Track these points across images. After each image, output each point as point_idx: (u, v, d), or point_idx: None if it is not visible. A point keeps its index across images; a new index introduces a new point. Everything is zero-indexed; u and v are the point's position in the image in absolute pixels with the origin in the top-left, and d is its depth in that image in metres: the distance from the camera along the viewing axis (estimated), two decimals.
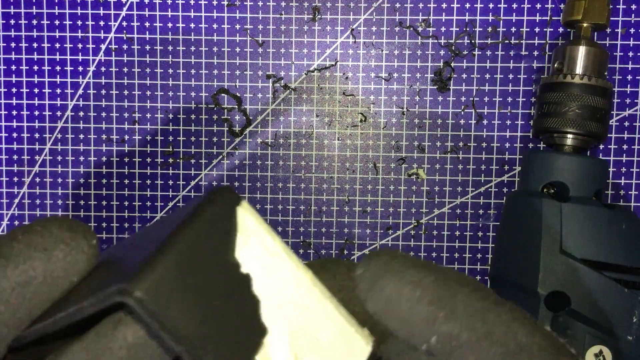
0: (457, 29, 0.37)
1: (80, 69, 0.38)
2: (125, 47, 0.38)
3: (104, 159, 0.39)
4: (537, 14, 0.37)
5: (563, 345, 0.15)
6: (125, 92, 0.38)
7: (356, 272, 0.17)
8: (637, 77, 0.37)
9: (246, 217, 0.16)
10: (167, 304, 0.14)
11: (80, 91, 0.38)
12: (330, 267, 0.19)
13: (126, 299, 0.13)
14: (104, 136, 0.39)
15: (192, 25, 0.38)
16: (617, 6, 0.37)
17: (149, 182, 0.39)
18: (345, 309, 0.17)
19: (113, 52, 0.38)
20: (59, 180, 0.39)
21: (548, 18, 0.37)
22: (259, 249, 0.16)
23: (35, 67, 0.38)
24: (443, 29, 0.37)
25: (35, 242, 0.15)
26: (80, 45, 0.38)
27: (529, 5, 0.37)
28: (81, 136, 0.39)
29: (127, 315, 0.15)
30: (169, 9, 0.38)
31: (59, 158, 0.39)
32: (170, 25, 0.38)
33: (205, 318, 0.14)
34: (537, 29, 0.37)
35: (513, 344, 0.15)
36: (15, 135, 0.39)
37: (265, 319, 0.15)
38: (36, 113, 0.39)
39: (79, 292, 0.16)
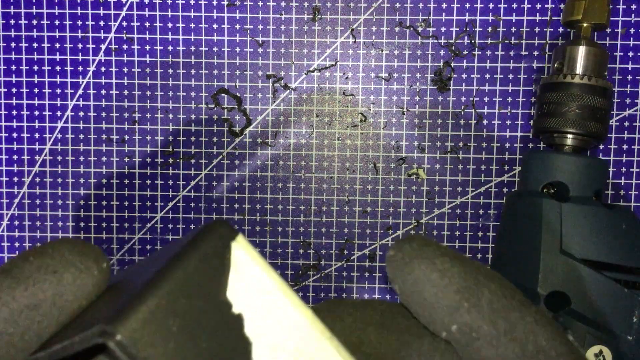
0: (457, 29, 0.37)
1: (80, 69, 0.38)
2: (125, 47, 0.38)
3: (104, 159, 0.39)
4: (537, 14, 0.37)
5: (582, 357, 0.16)
6: (125, 92, 0.38)
7: (388, 253, 0.17)
8: (637, 77, 0.37)
9: (241, 253, 0.15)
10: (149, 347, 0.13)
11: (80, 91, 0.38)
12: (336, 309, 0.19)
13: (107, 341, 0.13)
14: (104, 136, 0.39)
15: (192, 25, 0.38)
16: (617, 6, 0.37)
17: (149, 182, 0.39)
18: (353, 351, 0.16)
19: (113, 52, 0.38)
20: (59, 180, 0.39)
21: (548, 18, 0.37)
22: (252, 288, 0.15)
23: (35, 67, 0.38)
24: (443, 29, 0.37)
25: (46, 264, 0.15)
26: (80, 45, 0.38)
27: (529, 5, 0.37)
28: (81, 136, 0.39)
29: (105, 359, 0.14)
30: (169, 9, 0.38)
31: (59, 158, 0.39)
32: (170, 25, 0.38)
33: None
34: (537, 29, 0.37)
35: (532, 346, 0.15)
36: (15, 135, 0.39)
37: None
38: (36, 113, 0.39)
39: (84, 318, 0.15)
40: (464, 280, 0.16)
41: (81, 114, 0.39)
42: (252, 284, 0.15)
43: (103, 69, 0.38)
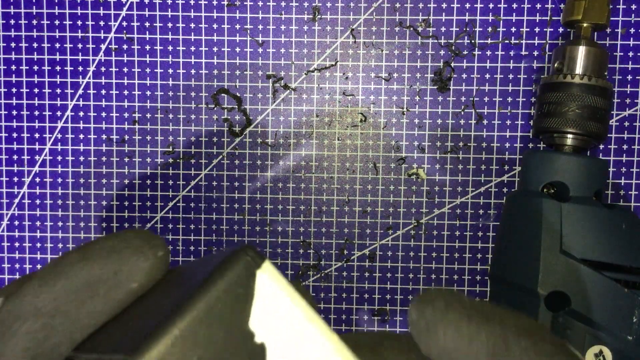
0: (457, 29, 0.37)
1: (80, 69, 0.38)
2: (125, 47, 0.38)
3: (104, 159, 0.39)
4: (537, 14, 0.37)
5: None
6: (125, 92, 0.38)
7: (411, 316, 0.17)
8: (637, 77, 0.37)
9: (266, 281, 0.15)
10: None
11: (80, 91, 0.38)
12: (362, 339, 0.18)
13: None
14: (104, 136, 0.39)
15: (192, 25, 0.38)
16: (617, 6, 0.37)
17: (149, 182, 0.39)
18: None
19: (113, 52, 0.38)
20: (59, 180, 0.39)
21: (548, 18, 0.37)
22: (277, 315, 0.15)
23: (35, 67, 0.38)
24: (443, 29, 0.37)
25: (110, 245, 0.17)
26: (80, 45, 0.38)
27: (529, 5, 0.37)
28: (81, 136, 0.39)
29: None
30: (169, 9, 0.38)
31: (59, 158, 0.39)
32: (170, 25, 0.38)
33: None
34: (537, 29, 0.37)
35: None
36: (15, 135, 0.39)
37: None
38: (36, 113, 0.39)
39: (132, 314, 0.16)
40: (492, 345, 0.16)
41: (81, 114, 0.39)
42: (277, 311, 0.15)
43: (103, 69, 0.38)
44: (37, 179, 0.39)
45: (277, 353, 0.15)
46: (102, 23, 0.38)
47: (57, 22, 0.38)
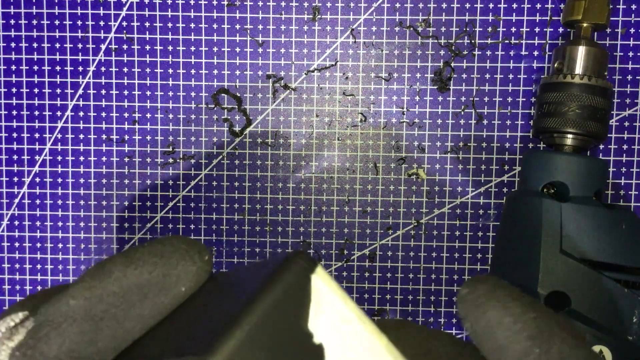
0: (457, 29, 0.37)
1: (80, 69, 0.38)
2: (125, 47, 0.38)
3: (104, 159, 0.39)
4: (537, 14, 0.37)
5: None
6: (125, 92, 0.38)
7: (461, 292, 0.17)
8: (637, 77, 0.37)
9: (320, 285, 0.15)
10: None
11: (80, 91, 0.38)
12: (407, 335, 0.19)
13: None
14: (104, 136, 0.39)
15: (192, 25, 0.38)
16: (617, 6, 0.37)
17: (149, 182, 0.39)
18: None
19: (113, 52, 0.38)
20: (59, 180, 0.39)
21: (548, 18, 0.37)
22: (332, 318, 0.15)
23: (35, 67, 0.38)
24: (443, 29, 0.37)
25: (156, 249, 0.17)
26: (80, 45, 0.38)
27: (529, 5, 0.37)
28: (81, 136, 0.39)
29: None
30: (169, 9, 0.38)
31: (59, 158, 0.39)
32: (170, 25, 0.38)
33: None
34: (537, 29, 0.37)
35: None
36: (15, 135, 0.39)
37: None
38: (36, 113, 0.39)
39: (180, 322, 0.16)
40: (536, 328, 0.16)
41: (81, 114, 0.39)
42: (331, 313, 0.15)
43: (103, 69, 0.38)
44: (37, 179, 0.39)
45: (333, 352, 0.15)
46: (102, 23, 0.38)
47: (57, 22, 0.38)
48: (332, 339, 0.15)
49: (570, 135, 0.33)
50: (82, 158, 0.39)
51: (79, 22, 0.38)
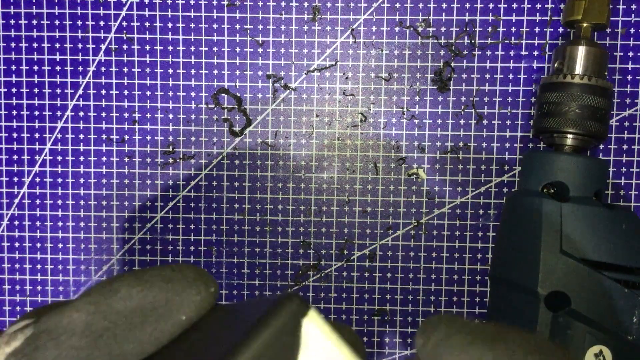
0: (457, 29, 0.37)
1: (80, 69, 0.38)
2: (125, 47, 0.38)
3: (104, 159, 0.39)
4: (537, 14, 0.37)
5: None
6: (125, 92, 0.38)
7: (417, 342, 0.17)
8: (637, 77, 0.37)
9: (312, 330, 0.15)
10: None
11: (80, 91, 0.38)
12: None
13: None
14: (104, 136, 0.39)
15: (192, 25, 0.38)
16: (617, 6, 0.37)
17: (149, 182, 0.39)
18: None
19: (113, 52, 0.38)
20: (59, 180, 0.39)
21: (548, 18, 0.37)
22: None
23: (35, 67, 0.38)
24: (443, 29, 0.37)
25: (165, 274, 0.17)
26: (80, 45, 0.38)
27: (529, 5, 0.37)
28: (81, 136, 0.39)
29: None
30: (169, 9, 0.38)
31: (59, 158, 0.39)
32: (170, 25, 0.38)
33: None
34: (537, 29, 0.37)
35: None
36: (15, 135, 0.39)
37: None
38: (36, 113, 0.39)
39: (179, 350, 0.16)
40: None
41: (81, 114, 0.39)
42: (322, 358, 0.15)
43: (103, 69, 0.38)
44: (37, 179, 0.39)
45: None
46: (102, 23, 0.38)
47: (57, 22, 0.38)
48: None
49: (570, 135, 0.33)
50: (82, 158, 0.39)
51: (79, 22, 0.38)
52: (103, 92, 0.38)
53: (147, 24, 0.38)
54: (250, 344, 0.14)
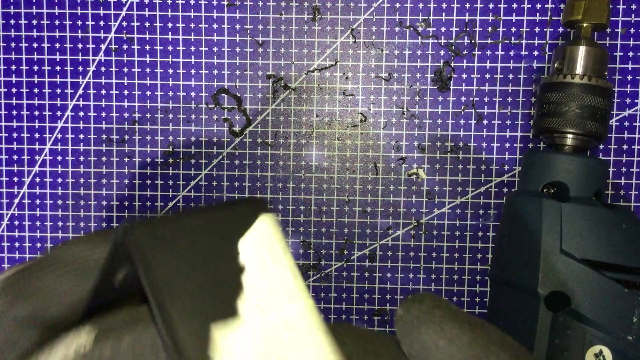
0: (457, 29, 0.37)
1: (80, 69, 0.38)
2: (125, 47, 0.38)
3: (104, 159, 0.39)
4: (537, 14, 0.37)
5: None
6: (125, 92, 0.38)
7: (398, 312, 0.17)
8: (637, 77, 0.37)
9: (266, 223, 0.16)
10: (158, 254, 0.15)
11: (80, 91, 0.38)
12: (351, 326, 0.19)
13: (126, 237, 0.15)
14: (104, 136, 0.39)
15: (192, 25, 0.38)
16: (617, 6, 0.37)
17: (149, 182, 0.39)
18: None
19: (113, 52, 0.38)
20: (59, 180, 0.39)
21: (548, 18, 0.37)
22: (263, 251, 0.16)
23: (35, 67, 0.38)
24: (443, 29, 0.37)
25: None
26: (80, 45, 0.38)
27: (529, 5, 0.37)
28: (81, 136, 0.39)
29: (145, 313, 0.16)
30: (169, 9, 0.38)
31: (59, 158, 0.39)
32: (170, 25, 0.38)
33: (186, 279, 0.15)
34: (537, 29, 0.37)
35: None
36: (15, 135, 0.39)
37: (242, 309, 0.15)
38: (36, 113, 0.39)
39: None
40: (472, 349, 0.16)
41: (81, 114, 0.39)
42: (264, 248, 0.16)
43: (103, 69, 0.38)
44: (37, 179, 0.39)
45: (252, 278, 0.16)
46: (102, 23, 0.38)
47: (57, 22, 0.38)
48: (255, 267, 0.16)
49: (570, 135, 0.33)
50: (82, 158, 0.39)
51: (79, 22, 0.38)
52: (103, 92, 0.38)
53: (147, 24, 0.38)
54: (210, 209, 0.16)
